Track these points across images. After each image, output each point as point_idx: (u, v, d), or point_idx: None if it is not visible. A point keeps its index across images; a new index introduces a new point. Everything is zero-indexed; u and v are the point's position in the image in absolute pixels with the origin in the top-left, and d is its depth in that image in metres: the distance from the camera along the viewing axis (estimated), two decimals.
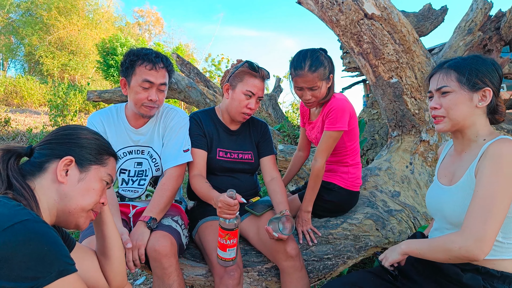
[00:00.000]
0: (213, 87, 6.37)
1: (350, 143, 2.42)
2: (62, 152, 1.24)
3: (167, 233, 1.92)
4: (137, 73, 2.01)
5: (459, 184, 1.49)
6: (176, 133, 2.19)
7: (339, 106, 2.23)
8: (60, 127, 1.34)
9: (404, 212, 2.58)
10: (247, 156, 2.37)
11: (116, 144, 2.16)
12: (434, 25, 5.36)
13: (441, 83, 1.53)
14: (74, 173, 1.25)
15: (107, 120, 2.19)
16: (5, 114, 8.50)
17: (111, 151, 1.40)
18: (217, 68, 15.82)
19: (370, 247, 2.39)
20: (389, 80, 2.80)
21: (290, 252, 2.01)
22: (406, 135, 2.92)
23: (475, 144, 1.52)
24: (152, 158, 2.21)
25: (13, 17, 23.55)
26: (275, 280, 2.15)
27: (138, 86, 2.02)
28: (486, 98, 1.48)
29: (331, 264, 2.26)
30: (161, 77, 2.05)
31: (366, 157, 4.92)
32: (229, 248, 1.83)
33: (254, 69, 2.22)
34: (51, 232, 0.97)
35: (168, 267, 1.83)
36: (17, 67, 26.52)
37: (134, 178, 2.21)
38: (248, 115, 2.26)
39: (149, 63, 2.00)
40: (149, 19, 31.36)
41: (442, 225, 1.60)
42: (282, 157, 4.03)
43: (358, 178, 2.48)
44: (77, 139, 1.29)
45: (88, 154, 1.30)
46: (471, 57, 1.54)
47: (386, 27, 2.66)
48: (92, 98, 5.70)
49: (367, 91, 8.85)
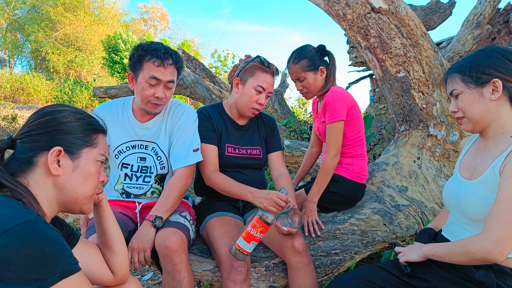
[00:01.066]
0: (219, 83, 6.37)
1: (352, 133, 2.43)
2: (47, 143, 1.16)
3: (177, 229, 1.92)
4: (145, 69, 1.97)
5: (481, 179, 1.45)
6: (186, 132, 2.15)
7: (334, 97, 2.32)
8: (37, 111, 1.24)
9: (411, 207, 2.56)
10: (256, 152, 2.36)
11: (118, 138, 2.14)
12: (442, 18, 5.32)
13: (450, 88, 1.55)
14: (66, 162, 1.18)
15: (110, 113, 2.15)
16: (12, 110, 8.54)
17: (99, 128, 1.31)
18: (223, 64, 15.80)
19: (378, 242, 2.38)
20: (396, 74, 2.77)
21: (298, 248, 2.00)
22: (413, 130, 2.90)
23: (502, 140, 1.47)
24: (157, 156, 2.19)
25: (19, 14, 23.62)
26: (282, 275, 2.15)
27: (145, 82, 1.98)
28: (497, 89, 1.44)
29: (338, 259, 2.25)
30: (169, 74, 2.00)
31: (373, 152, 4.90)
32: (254, 241, 1.87)
33: (266, 65, 2.22)
34: (52, 233, 0.95)
35: (178, 263, 1.84)
36: (23, 64, 26.66)
37: (138, 174, 2.19)
38: (257, 110, 2.25)
39: (157, 59, 1.95)
40: (154, 15, 31.37)
41: (458, 219, 1.58)
42: (288, 153, 4.03)
43: (364, 170, 2.48)
44: (59, 125, 1.19)
45: (75, 139, 1.21)
46: (473, 53, 1.55)
47: (394, 21, 2.63)
48: (98, 95, 5.72)
49: (374, 86, 8.79)
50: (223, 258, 1.95)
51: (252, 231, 1.86)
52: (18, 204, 1.01)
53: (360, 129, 2.47)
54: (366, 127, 4.12)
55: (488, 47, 1.54)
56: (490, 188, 1.40)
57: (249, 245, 1.87)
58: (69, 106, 1.27)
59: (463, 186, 1.54)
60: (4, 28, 23.88)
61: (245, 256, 1.89)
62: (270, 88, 2.24)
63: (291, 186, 2.23)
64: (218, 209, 2.26)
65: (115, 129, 2.14)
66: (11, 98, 12.79)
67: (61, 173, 1.16)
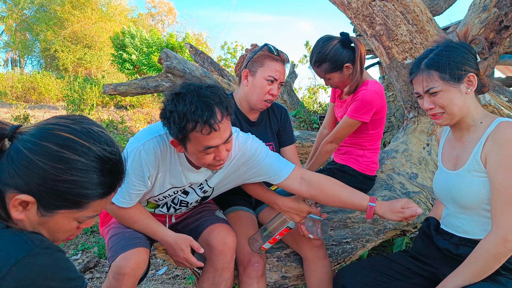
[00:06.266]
0: (228, 76, 6.37)
1: (374, 131, 2.39)
2: (25, 186, 0.92)
3: (231, 227, 1.97)
4: (193, 140, 1.55)
5: (465, 168, 1.52)
6: (260, 157, 1.87)
7: (367, 98, 2.20)
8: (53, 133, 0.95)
9: (422, 194, 2.56)
10: (269, 148, 2.30)
11: (165, 185, 1.82)
12: (448, 3, 5.25)
13: (426, 86, 1.52)
14: (32, 213, 0.95)
15: (163, 156, 1.75)
16: (24, 110, 8.63)
17: (107, 192, 1.02)
18: (233, 56, 15.77)
19: (389, 230, 2.39)
20: (403, 61, 2.76)
21: (315, 243, 2.03)
22: (422, 117, 2.89)
23: (474, 128, 1.55)
24: (203, 190, 1.96)
25: (27, 14, 23.77)
26: (295, 265, 2.17)
27: (199, 152, 1.59)
28: (472, 83, 1.50)
29: (350, 248, 2.27)
30: (225, 134, 1.59)
31: (383, 140, 4.89)
32: (276, 242, 1.99)
33: (275, 53, 2.08)
34: (52, 261, 0.89)
35: (230, 261, 1.88)
36: (33, 64, 26.87)
37: (176, 207, 2.00)
38: (270, 101, 2.12)
39: (205, 125, 1.49)
40: (162, 9, 31.33)
41: (453, 211, 1.61)
42: (298, 143, 4.03)
43: (374, 162, 2.45)
44: (63, 174, 0.93)
45: (62, 200, 0.95)
46: (443, 49, 1.53)
47: (399, 8, 2.61)
48: (108, 92, 5.76)
49: (383, 73, 8.72)
50: (240, 254, 1.96)
51: (278, 236, 1.94)
52: (6, 231, 0.91)
53: (381, 125, 2.42)
54: None
55: (454, 42, 1.57)
56: (474, 175, 1.48)
57: (272, 245, 1.98)
58: (95, 139, 0.98)
59: (450, 177, 1.59)
60: (13, 29, 24.07)
61: (262, 252, 1.99)
62: (282, 77, 2.10)
63: None
64: (231, 204, 2.25)
65: (164, 175, 1.80)
66: (23, 98, 12.92)
67: (25, 219, 0.95)
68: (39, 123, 1.00)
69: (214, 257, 1.85)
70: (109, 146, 1.00)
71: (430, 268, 1.66)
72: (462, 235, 1.56)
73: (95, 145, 0.97)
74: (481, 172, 1.46)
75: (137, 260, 1.69)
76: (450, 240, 1.60)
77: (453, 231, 1.60)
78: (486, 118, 1.52)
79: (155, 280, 3.18)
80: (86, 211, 1.00)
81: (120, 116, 10.24)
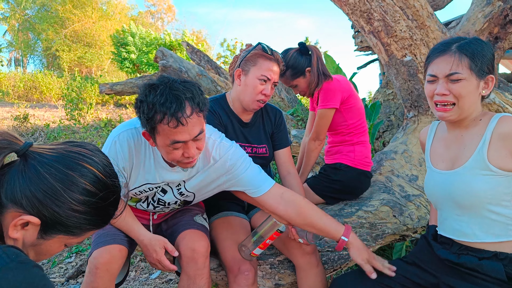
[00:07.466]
0: (224, 74, 6.32)
1: (353, 120, 2.42)
2: (35, 207, 0.93)
3: (204, 233, 1.91)
4: (161, 133, 1.52)
5: (466, 166, 1.45)
6: (241, 169, 1.80)
7: (329, 86, 2.34)
8: (81, 163, 0.98)
9: (422, 197, 2.47)
10: (262, 150, 2.22)
11: (139, 179, 1.79)
12: None
13: (453, 69, 1.40)
14: (32, 232, 0.96)
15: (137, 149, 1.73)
16: (24, 110, 8.61)
17: (105, 224, 1.08)
18: (232, 53, 15.76)
19: (388, 235, 2.30)
20: (402, 58, 2.67)
21: (306, 249, 1.96)
22: (422, 116, 2.80)
23: (472, 124, 1.50)
24: (180, 192, 1.90)
25: (29, 13, 23.92)
26: (288, 272, 2.09)
27: (167, 146, 1.56)
28: (488, 85, 1.44)
29: (346, 254, 2.18)
30: (194, 130, 1.54)
31: (383, 140, 4.80)
32: (267, 247, 1.90)
33: (268, 52, 2.05)
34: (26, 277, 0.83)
35: (203, 267, 1.83)
36: (36, 63, 27.01)
37: (155, 204, 1.93)
38: (263, 102, 2.08)
39: (172, 118, 1.46)
40: (161, 7, 31.37)
41: (451, 213, 1.53)
42: (295, 143, 3.97)
43: (367, 157, 2.43)
44: (81, 206, 0.96)
45: (67, 227, 0.98)
46: (477, 40, 1.44)
47: (398, 3, 2.53)
48: (105, 91, 5.73)
49: (383, 69, 8.64)
50: (229, 262, 1.91)
51: (268, 241, 1.87)
52: None
53: (360, 116, 2.46)
54: (374, 115, 4.04)
55: (484, 41, 1.48)
56: (477, 173, 1.41)
57: (263, 251, 1.91)
58: (110, 174, 1.03)
59: (447, 177, 1.51)
60: (16, 29, 24.24)
61: (253, 258, 1.92)
62: (276, 77, 2.07)
63: (300, 186, 2.16)
64: (222, 209, 2.19)
65: (138, 169, 1.77)
66: (25, 97, 12.97)
67: (20, 238, 0.96)
68: (57, 147, 1.00)
69: (186, 264, 1.82)
70: (116, 178, 1.06)
71: (431, 277, 1.59)
72: (462, 239, 1.49)
73: (109, 179, 1.02)
74: (486, 170, 1.40)
75: (110, 255, 1.70)
76: (451, 249, 1.53)
77: (452, 236, 1.53)
78: (484, 116, 1.49)
79: (148, 285, 3.13)
80: (80, 238, 1.04)
81: (118, 115, 10.20)
